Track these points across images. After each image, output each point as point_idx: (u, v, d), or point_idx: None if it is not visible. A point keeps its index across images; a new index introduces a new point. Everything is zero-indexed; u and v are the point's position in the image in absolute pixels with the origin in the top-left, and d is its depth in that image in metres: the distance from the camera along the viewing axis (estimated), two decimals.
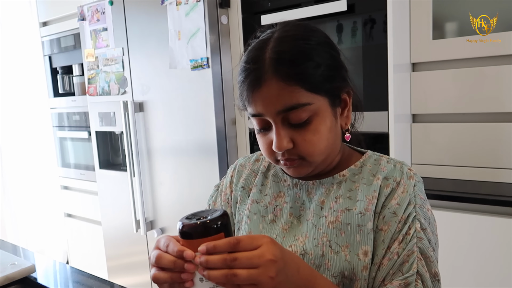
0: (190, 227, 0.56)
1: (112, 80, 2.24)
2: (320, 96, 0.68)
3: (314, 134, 0.69)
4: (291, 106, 0.66)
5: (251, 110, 0.70)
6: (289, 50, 0.67)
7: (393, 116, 1.46)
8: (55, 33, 2.71)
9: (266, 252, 0.54)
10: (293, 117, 0.68)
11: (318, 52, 0.68)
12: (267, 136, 0.72)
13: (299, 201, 0.78)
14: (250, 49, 0.71)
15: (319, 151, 0.71)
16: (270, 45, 0.68)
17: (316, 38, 0.70)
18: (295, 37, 0.69)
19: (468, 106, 1.48)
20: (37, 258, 1.35)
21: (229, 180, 0.89)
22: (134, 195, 2.21)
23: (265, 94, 0.67)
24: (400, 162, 0.76)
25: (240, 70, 0.71)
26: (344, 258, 0.69)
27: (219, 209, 0.60)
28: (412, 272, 0.64)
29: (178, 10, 1.85)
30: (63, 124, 2.82)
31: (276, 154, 0.72)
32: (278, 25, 0.73)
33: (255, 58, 0.68)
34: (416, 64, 1.56)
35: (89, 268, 2.75)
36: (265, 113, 0.68)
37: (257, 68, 0.67)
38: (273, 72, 0.66)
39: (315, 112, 0.68)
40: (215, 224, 0.56)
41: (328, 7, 1.55)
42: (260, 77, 0.66)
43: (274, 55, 0.67)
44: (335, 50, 0.73)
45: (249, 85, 0.68)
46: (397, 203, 0.69)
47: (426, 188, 0.72)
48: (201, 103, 1.87)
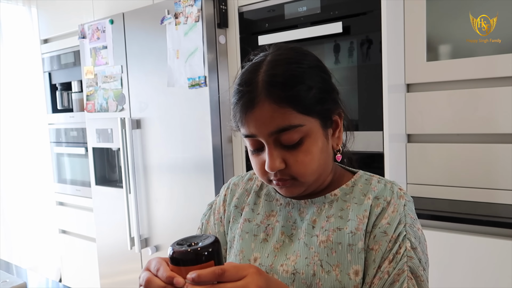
0: (180, 254, 0.56)
1: (111, 97, 2.26)
2: (312, 118, 0.70)
3: (306, 155, 0.70)
4: (283, 127, 0.68)
5: (244, 131, 0.72)
6: (281, 73, 0.68)
7: (388, 136, 1.47)
8: (55, 50, 2.75)
9: (250, 283, 0.54)
10: (285, 139, 0.69)
11: (309, 76, 0.70)
12: (260, 157, 0.73)
13: (291, 220, 0.78)
14: (243, 72, 0.73)
15: (311, 171, 0.72)
16: (263, 68, 0.69)
17: (308, 62, 0.71)
18: (287, 60, 0.70)
19: (462, 127, 1.49)
20: (30, 276, 1.34)
21: (222, 199, 0.89)
22: (129, 212, 2.20)
23: (258, 116, 0.68)
24: (390, 182, 0.76)
25: (233, 92, 0.72)
26: (335, 278, 0.69)
27: (211, 236, 0.59)
28: None
29: (177, 30, 1.88)
30: (60, 140, 2.83)
31: (269, 174, 0.73)
32: (271, 48, 0.75)
33: (248, 80, 0.70)
34: (410, 85, 1.58)
35: (82, 285, 2.72)
36: (258, 134, 0.70)
37: (250, 91, 0.68)
38: (266, 95, 0.67)
39: (306, 134, 0.69)
40: (206, 251, 0.56)
41: (324, 28, 1.58)
42: (253, 99, 0.68)
43: (267, 78, 0.68)
44: (326, 73, 0.74)
45: (242, 107, 0.69)
46: (387, 222, 0.70)
47: (421, 208, 0.72)
48: (198, 121, 1.88)
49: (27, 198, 2.93)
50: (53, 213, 2.91)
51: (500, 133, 1.43)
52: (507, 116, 1.40)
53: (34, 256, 2.99)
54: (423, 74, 1.53)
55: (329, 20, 1.58)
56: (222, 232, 0.87)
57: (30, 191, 2.93)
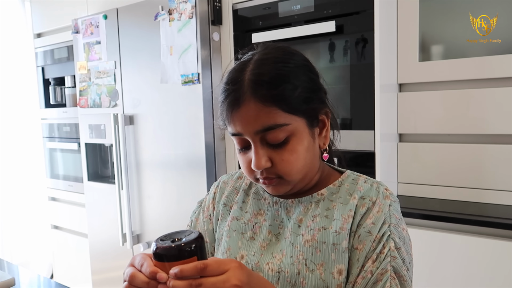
0: (163, 250, 0.56)
1: (104, 93, 2.24)
2: (298, 117, 0.70)
3: (291, 153, 0.70)
4: (269, 126, 0.68)
5: (230, 130, 0.72)
6: (267, 72, 0.69)
7: (380, 135, 1.47)
8: (48, 45, 2.73)
9: (231, 277, 0.55)
10: (271, 137, 0.69)
11: (296, 75, 0.70)
12: (247, 155, 0.73)
13: (278, 219, 0.79)
14: (230, 71, 0.73)
15: (296, 170, 0.72)
16: (250, 67, 0.70)
17: (294, 61, 0.72)
18: (274, 60, 0.71)
19: (454, 127, 1.50)
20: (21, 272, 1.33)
21: (212, 197, 0.90)
22: (121, 208, 2.19)
23: (244, 115, 0.68)
24: (377, 182, 0.77)
25: (220, 90, 0.73)
26: (319, 277, 0.69)
27: (194, 231, 0.59)
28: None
29: (171, 26, 1.87)
30: (53, 135, 2.81)
31: (256, 172, 0.73)
32: (259, 47, 0.75)
33: (235, 79, 0.70)
34: (403, 84, 1.59)
35: (74, 281, 2.72)
36: (244, 133, 0.70)
37: (236, 89, 0.69)
38: (251, 94, 0.68)
39: (292, 133, 0.70)
40: (189, 247, 0.56)
41: (317, 27, 1.58)
42: (239, 98, 0.68)
43: (253, 77, 0.68)
44: (313, 73, 0.74)
45: (228, 105, 0.70)
46: (372, 222, 0.70)
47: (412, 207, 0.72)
48: (190, 117, 1.88)
49: (19, 193, 2.91)
50: (45, 209, 2.89)
51: (491, 134, 1.44)
52: (498, 117, 1.41)
53: (26, 251, 2.97)
54: (415, 74, 1.54)
55: (322, 19, 1.58)
56: (211, 229, 0.87)
57: (22, 186, 2.91)
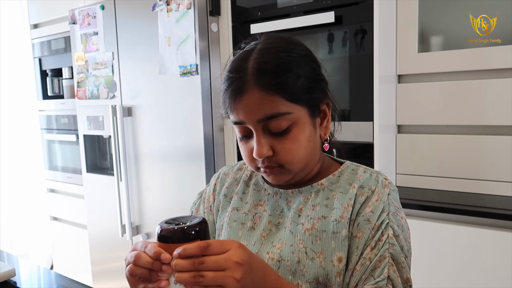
0: (168, 232, 0.58)
1: (101, 84, 2.24)
2: (300, 106, 0.71)
3: (293, 142, 0.71)
4: (271, 115, 0.69)
5: (233, 118, 0.73)
6: (271, 61, 0.69)
7: (378, 127, 1.48)
8: (45, 36, 2.71)
9: (233, 256, 0.56)
10: (273, 126, 0.70)
11: (298, 64, 0.71)
12: (249, 144, 0.74)
13: (278, 209, 0.80)
14: (234, 59, 0.74)
15: (298, 159, 0.73)
16: (253, 56, 0.70)
17: (297, 51, 0.72)
18: (277, 49, 0.71)
19: (452, 118, 1.50)
20: (21, 263, 1.34)
21: (212, 188, 0.90)
22: (120, 200, 2.20)
23: (247, 103, 0.69)
24: (376, 172, 0.78)
25: (223, 79, 0.73)
26: (319, 265, 0.71)
27: (198, 216, 0.61)
28: (383, 277, 0.66)
29: (169, 17, 1.86)
30: (51, 127, 2.80)
31: (257, 161, 0.74)
32: (261, 37, 0.75)
33: (238, 67, 0.70)
34: (402, 76, 1.59)
35: (74, 272, 2.73)
36: (246, 121, 0.71)
37: (239, 77, 0.69)
38: (255, 82, 0.68)
39: (294, 122, 0.71)
40: (193, 230, 0.57)
41: (316, 18, 1.57)
42: (242, 86, 0.69)
43: (257, 65, 0.69)
44: (315, 63, 0.75)
45: (231, 94, 0.70)
46: (371, 210, 0.71)
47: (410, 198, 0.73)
48: (189, 109, 1.88)
49: (18, 185, 2.91)
50: (44, 200, 2.90)
51: (489, 125, 1.44)
52: (496, 108, 1.41)
53: (25, 243, 2.98)
54: (414, 65, 1.53)
55: (321, 9, 1.57)
56: (212, 220, 0.88)
57: (21, 178, 2.92)
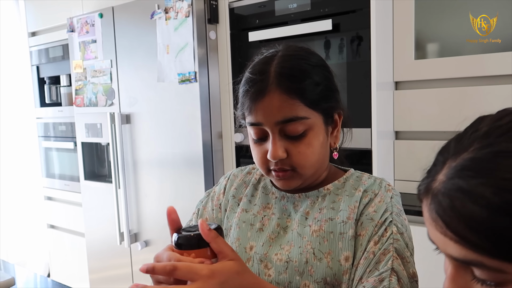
0: (179, 238, 0.61)
1: (100, 92, 2.24)
2: (316, 113, 0.74)
3: (307, 147, 0.73)
4: (290, 118, 0.71)
5: (251, 119, 0.74)
6: (292, 67, 0.73)
7: (376, 133, 1.49)
8: (43, 43, 2.71)
9: None
10: (290, 129, 0.72)
11: (317, 72, 0.74)
12: (263, 146, 0.76)
13: (286, 213, 0.82)
14: (255, 63, 0.77)
15: (310, 163, 0.75)
16: (275, 61, 0.74)
17: (315, 60, 0.76)
18: (298, 56, 0.75)
19: (449, 125, 1.51)
20: (18, 271, 1.33)
21: (222, 187, 0.92)
22: (118, 207, 2.19)
23: (267, 104, 0.71)
24: (380, 179, 0.80)
25: (244, 80, 0.76)
26: (326, 265, 0.72)
27: (213, 224, 0.63)
28: (387, 268, 0.67)
29: (167, 25, 1.87)
30: (48, 134, 2.80)
31: (269, 163, 0.76)
32: (281, 46, 0.79)
33: (262, 70, 0.73)
34: (399, 82, 1.60)
35: (71, 280, 2.71)
36: (265, 123, 0.73)
37: (262, 79, 0.72)
38: (277, 85, 0.71)
39: (310, 127, 0.73)
40: (199, 238, 0.59)
41: (314, 26, 1.59)
42: (265, 88, 0.71)
43: (279, 69, 0.72)
44: (330, 73, 0.78)
45: (253, 95, 0.73)
46: (374, 210, 0.74)
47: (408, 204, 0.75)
48: (188, 116, 1.88)
49: (15, 193, 2.90)
50: (42, 208, 2.89)
51: None
52: None
53: (22, 251, 2.96)
54: (411, 72, 1.55)
55: (319, 17, 1.59)
56: (220, 218, 0.90)
57: (18, 186, 2.90)
